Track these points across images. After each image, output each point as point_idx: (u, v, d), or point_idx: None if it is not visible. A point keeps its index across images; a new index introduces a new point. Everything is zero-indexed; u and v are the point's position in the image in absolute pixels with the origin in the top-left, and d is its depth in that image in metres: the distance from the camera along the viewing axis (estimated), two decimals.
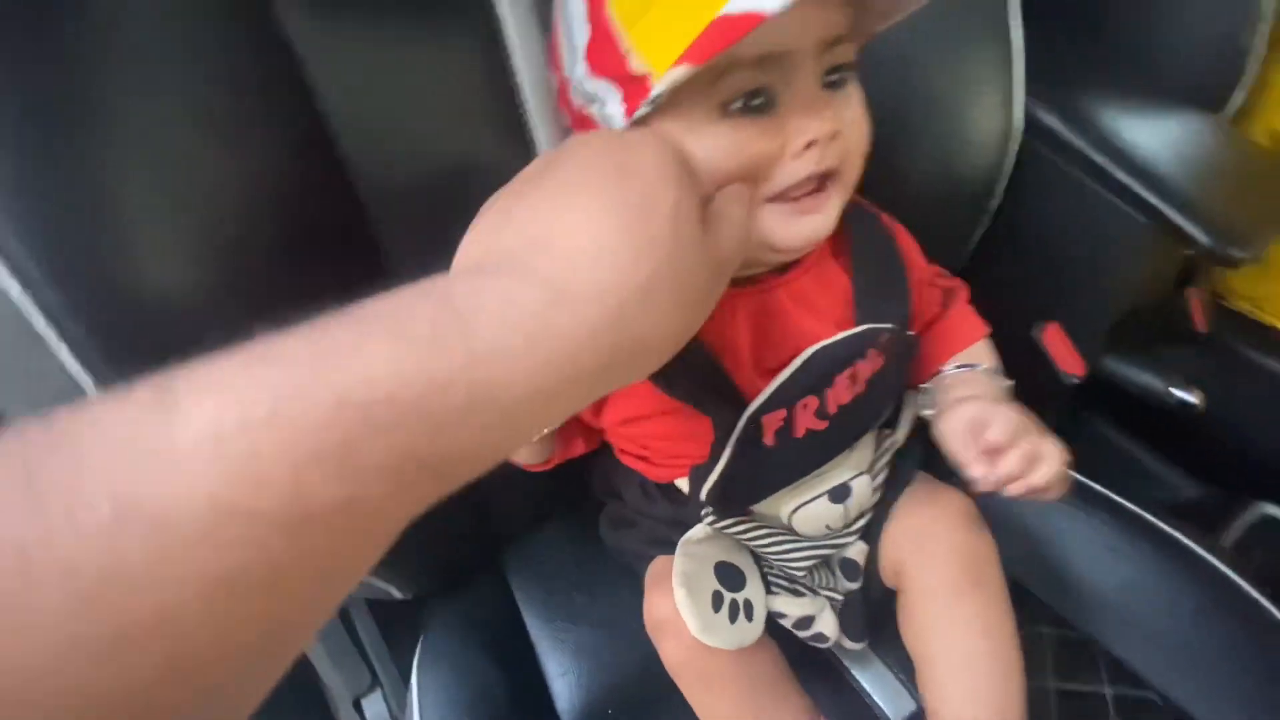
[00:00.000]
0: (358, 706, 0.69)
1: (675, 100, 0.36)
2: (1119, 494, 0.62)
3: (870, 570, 0.52)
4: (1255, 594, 0.54)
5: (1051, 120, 0.65)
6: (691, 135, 0.36)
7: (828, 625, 0.51)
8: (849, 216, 0.46)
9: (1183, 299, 0.76)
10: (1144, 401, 0.68)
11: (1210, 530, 0.70)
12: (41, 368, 0.36)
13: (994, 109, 0.64)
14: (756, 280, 0.45)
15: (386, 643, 0.73)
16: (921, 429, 0.51)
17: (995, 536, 0.50)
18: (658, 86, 0.34)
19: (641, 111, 0.36)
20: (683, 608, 0.46)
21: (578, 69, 0.39)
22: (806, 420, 0.46)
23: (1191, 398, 0.67)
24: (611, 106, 0.38)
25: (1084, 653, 0.55)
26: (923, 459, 0.53)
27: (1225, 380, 0.74)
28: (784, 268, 0.46)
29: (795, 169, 0.39)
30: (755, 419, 0.44)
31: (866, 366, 0.47)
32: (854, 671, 0.55)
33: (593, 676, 0.57)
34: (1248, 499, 0.72)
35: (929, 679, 0.49)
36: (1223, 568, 0.56)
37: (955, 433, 0.45)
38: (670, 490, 0.52)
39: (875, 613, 0.52)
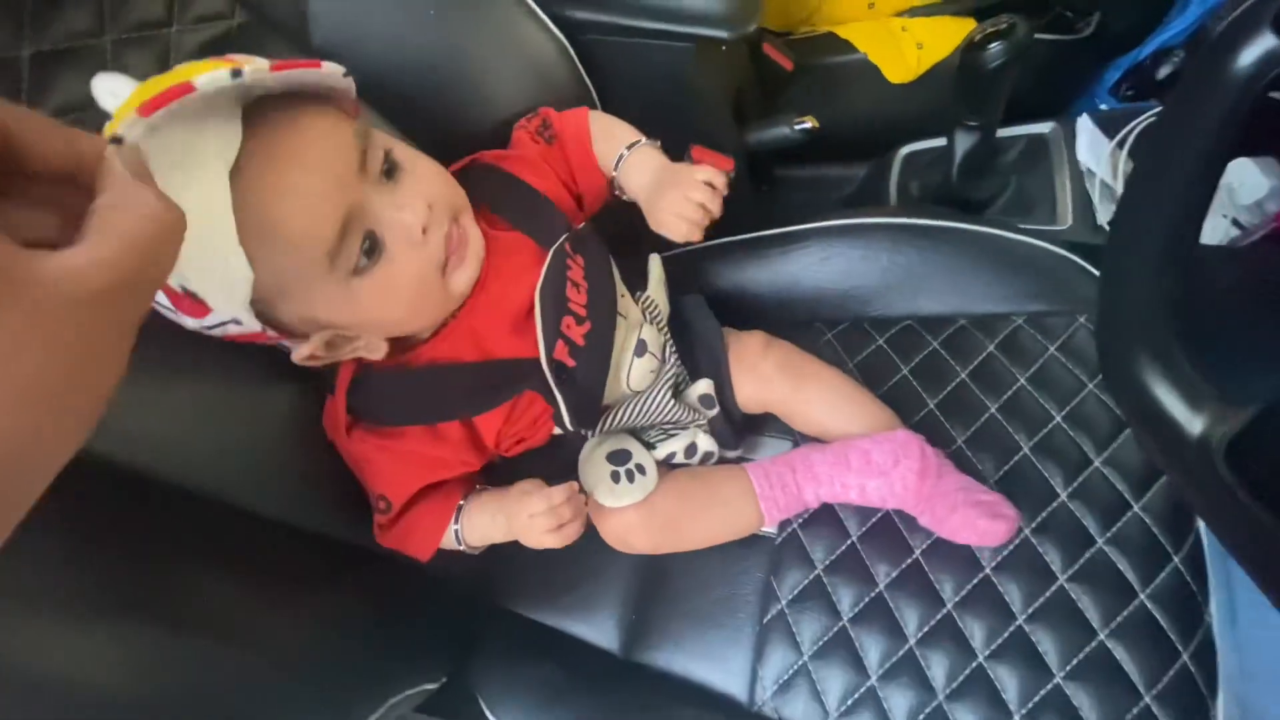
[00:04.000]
0: None
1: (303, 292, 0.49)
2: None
3: (724, 399, 0.67)
4: (936, 222, 0.72)
5: (575, 13, 0.75)
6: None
7: (707, 444, 0.66)
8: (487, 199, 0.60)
9: (761, 54, 0.92)
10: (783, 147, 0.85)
11: (883, 197, 0.90)
12: None
13: (537, 33, 0.73)
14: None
15: None
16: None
17: None
18: None
19: None
20: (601, 499, 0.60)
21: None
22: (576, 332, 0.59)
23: (808, 124, 0.84)
24: None
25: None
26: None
27: (823, 90, 0.92)
28: None
29: (429, 254, 0.52)
30: (551, 362, 0.57)
31: (576, 270, 0.61)
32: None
33: None
34: (891, 154, 0.92)
35: (825, 431, 0.66)
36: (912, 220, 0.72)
37: (670, 223, 0.60)
38: (554, 443, 0.64)
39: (740, 429, 0.69)
